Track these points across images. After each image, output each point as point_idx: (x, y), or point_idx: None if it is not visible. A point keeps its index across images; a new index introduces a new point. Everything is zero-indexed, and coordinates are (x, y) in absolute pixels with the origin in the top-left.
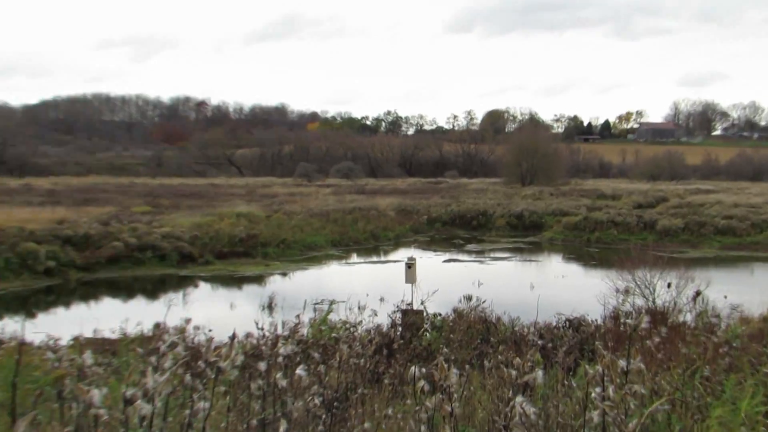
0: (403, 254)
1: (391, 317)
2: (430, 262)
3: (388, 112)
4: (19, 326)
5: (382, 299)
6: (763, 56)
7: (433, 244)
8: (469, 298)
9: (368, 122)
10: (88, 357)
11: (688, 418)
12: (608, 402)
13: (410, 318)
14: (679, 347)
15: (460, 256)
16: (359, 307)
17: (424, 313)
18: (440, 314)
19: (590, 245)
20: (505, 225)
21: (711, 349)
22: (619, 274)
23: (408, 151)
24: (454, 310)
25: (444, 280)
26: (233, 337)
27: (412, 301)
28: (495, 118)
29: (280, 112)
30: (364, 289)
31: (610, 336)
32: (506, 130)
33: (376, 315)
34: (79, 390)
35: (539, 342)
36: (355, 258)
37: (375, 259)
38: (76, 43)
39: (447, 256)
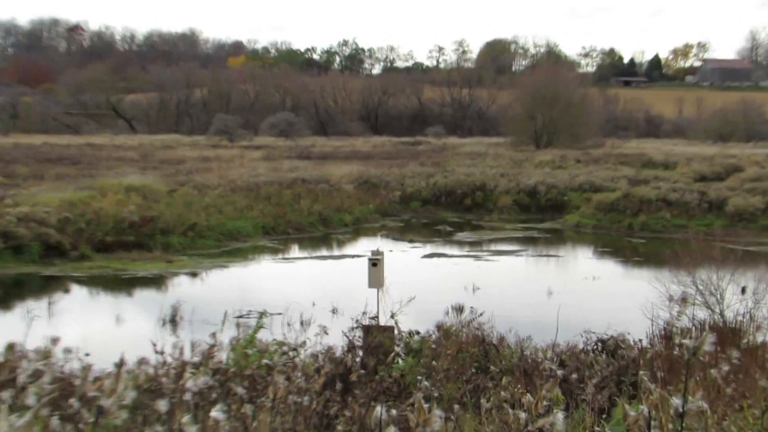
0: (365, 246)
1: (347, 336)
2: (405, 258)
3: (344, 43)
4: None
5: (334, 311)
6: None
7: (408, 231)
8: (459, 310)
9: (315, 56)
10: None
11: None
12: None
13: (375, 338)
14: (756, 379)
15: (448, 249)
16: (302, 323)
17: (396, 331)
18: (418, 332)
19: (632, 234)
20: (512, 205)
21: None
22: (673, 275)
23: (373, 98)
24: (439, 327)
25: (424, 284)
26: (120, 363)
27: (377, 313)
28: (498, 52)
29: (189, 41)
30: (309, 296)
31: (660, 363)
32: (513, 69)
33: (326, 333)
34: None
35: (559, 372)
36: (296, 251)
37: (325, 252)
38: None
39: (428, 248)
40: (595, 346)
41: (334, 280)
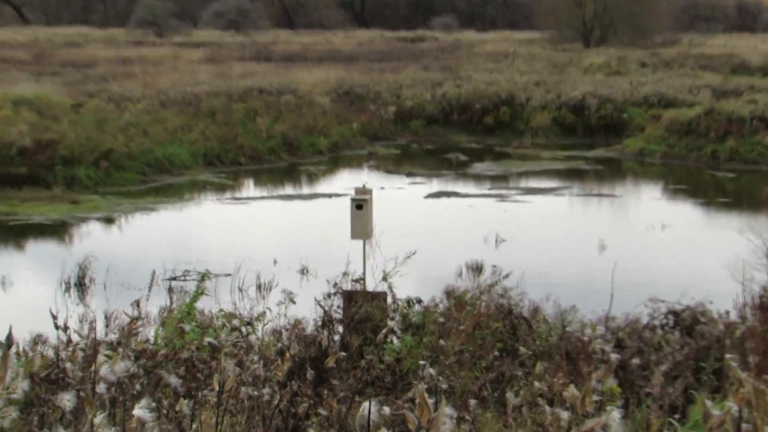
0: (346, 182)
1: (322, 306)
2: (402, 199)
3: None
4: None
5: (304, 271)
6: None
7: (406, 161)
8: (477, 270)
9: None
10: None
11: None
12: None
13: (361, 307)
14: None
15: (461, 187)
16: (259, 287)
17: (389, 299)
18: (420, 301)
19: (717, 166)
20: (551, 125)
21: None
22: None
23: None
24: (449, 293)
25: (428, 235)
26: (8, 343)
27: (364, 274)
28: None
29: None
30: (269, 250)
31: (755, 344)
32: None
33: (292, 302)
34: None
35: (615, 356)
36: (250, 189)
37: (291, 190)
38: None
39: (434, 185)
40: (665, 320)
41: (304, 229)
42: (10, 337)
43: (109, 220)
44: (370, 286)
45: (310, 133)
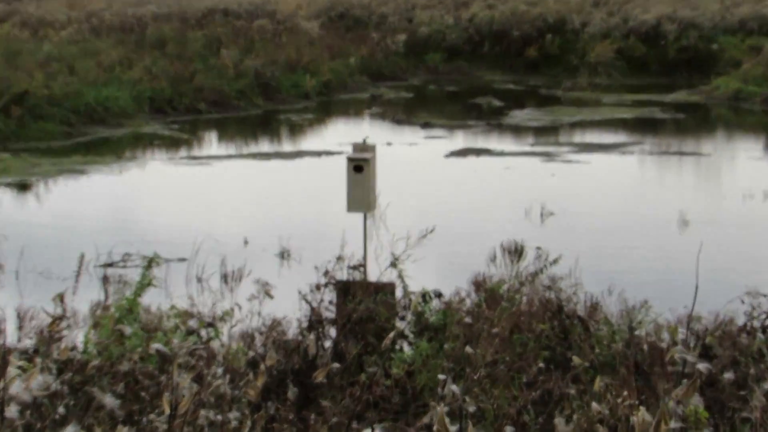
0: (341, 135)
1: (308, 302)
2: (416, 157)
3: None
4: None
5: (284, 255)
6: None
7: (421, 107)
8: (516, 253)
9: None
10: None
11: None
12: None
13: (360, 303)
14: None
15: (495, 142)
16: (225, 277)
17: (398, 292)
18: (440, 295)
19: None
20: (615, 59)
21: None
22: None
23: None
24: (478, 285)
25: (451, 206)
26: None
27: (364, 259)
28: None
29: None
30: (237, 227)
31: None
32: None
33: (269, 296)
34: None
35: (701, 367)
36: (212, 145)
37: (267, 147)
38: None
39: (459, 140)
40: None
41: (285, 199)
42: None
43: (23, 187)
44: (373, 274)
45: (292, 70)
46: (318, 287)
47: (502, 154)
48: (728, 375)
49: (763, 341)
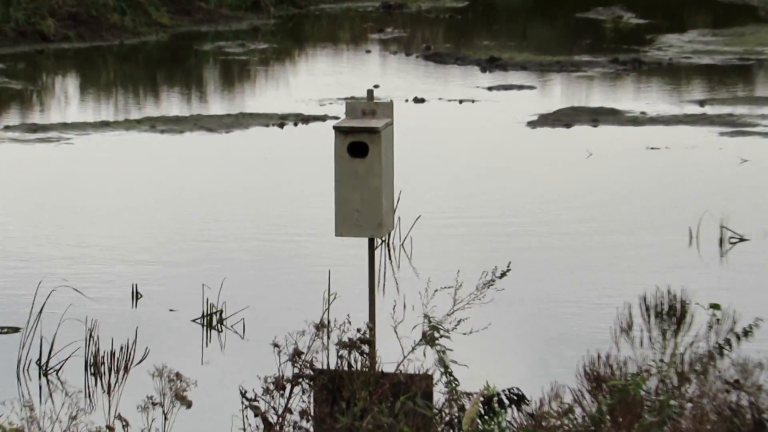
0: (320, 84)
1: (261, 413)
2: (470, 126)
3: None
4: None
5: (212, 318)
6: None
7: (479, 27)
8: (673, 314)
9: None
10: None
11: None
12: None
13: (363, 415)
14: None
15: (625, 98)
16: (94, 365)
17: (440, 391)
18: (521, 398)
19: None
20: None
21: None
22: None
23: None
24: (597, 378)
25: (539, 220)
26: None
27: (371, 325)
28: None
29: None
30: (118, 263)
31: None
32: None
33: (183, 404)
34: None
35: None
36: (70, 105)
37: (175, 109)
38: None
39: (554, 93)
40: None
41: (211, 209)
42: None
43: None
44: (388, 356)
45: None
46: (280, 384)
47: (640, 120)
48: None
49: None
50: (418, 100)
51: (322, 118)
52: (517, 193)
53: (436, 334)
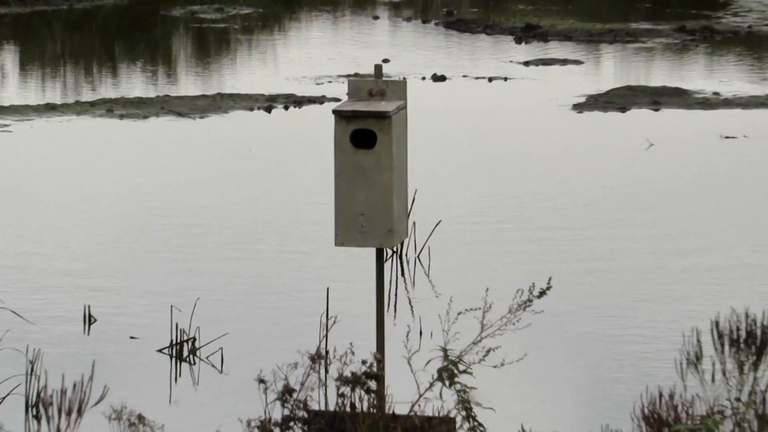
0: (315, 59)
1: None
2: (503, 109)
3: None
4: None
5: (184, 350)
6: None
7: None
8: (749, 347)
9: None
10: None
11: None
12: None
13: None
14: None
15: (693, 73)
16: (39, 405)
17: None
18: None
19: None
20: None
21: None
22: None
23: None
24: (657, 420)
25: (583, 235)
26: None
27: (380, 357)
28: None
29: None
30: (68, 283)
31: None
32: None
33: None
34: None
35: None
36: (10, 82)
37: (138, 89)
38: None
39: (605, 69)
40: None
41: (184, 212)
42: None
43: None
44: (401, 395)
45: None
46: (266, 429)
47: (712, 102)
48: None
49: None
50: (438, 78)
51: (319, 100)
52: (559, 193)
53: (456, 370)
